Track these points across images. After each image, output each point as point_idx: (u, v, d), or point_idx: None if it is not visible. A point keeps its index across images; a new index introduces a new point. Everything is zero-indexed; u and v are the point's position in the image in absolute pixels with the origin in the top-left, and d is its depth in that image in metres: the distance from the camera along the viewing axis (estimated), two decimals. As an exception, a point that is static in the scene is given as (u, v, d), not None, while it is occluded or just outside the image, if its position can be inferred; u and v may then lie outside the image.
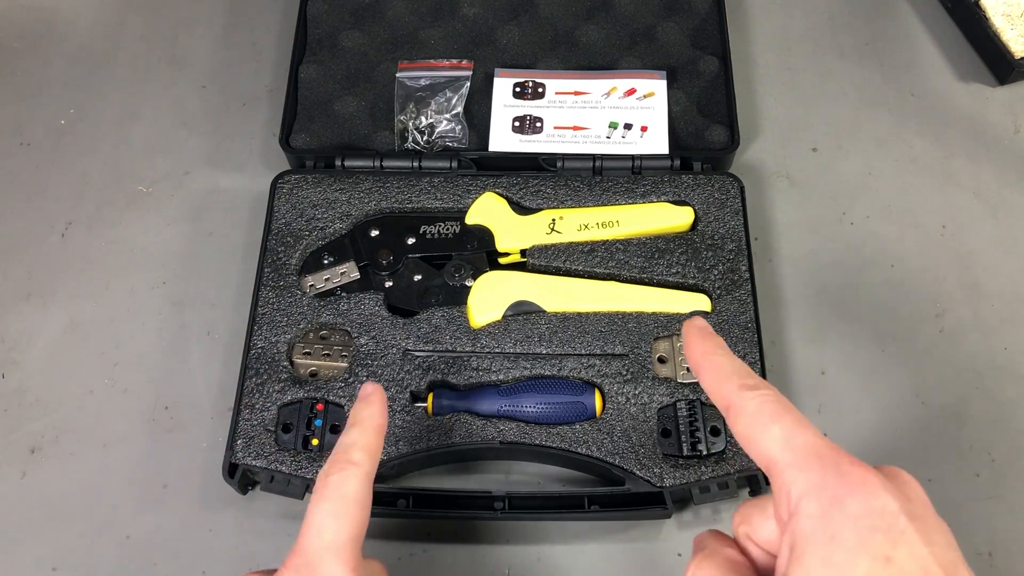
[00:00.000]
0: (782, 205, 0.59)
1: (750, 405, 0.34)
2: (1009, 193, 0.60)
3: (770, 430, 0.33)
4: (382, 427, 0.39)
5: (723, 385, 0.35)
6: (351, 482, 0.36)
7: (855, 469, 0.31)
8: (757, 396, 0.34)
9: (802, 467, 0.32)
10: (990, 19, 0.63)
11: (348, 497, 0.36)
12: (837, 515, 0.30)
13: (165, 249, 0.59)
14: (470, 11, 0.64)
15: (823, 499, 0.31)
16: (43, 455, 0.52)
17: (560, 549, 0.49)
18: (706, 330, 0.39)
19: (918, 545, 0.29)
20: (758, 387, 0.35)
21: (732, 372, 0.36)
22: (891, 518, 0.30)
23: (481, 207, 0.55)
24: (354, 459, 0.37)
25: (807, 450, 0.32)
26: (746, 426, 0.34)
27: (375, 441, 0.38)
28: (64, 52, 0.67)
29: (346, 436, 0.39)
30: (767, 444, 0.33)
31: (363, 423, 0.39)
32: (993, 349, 0.54)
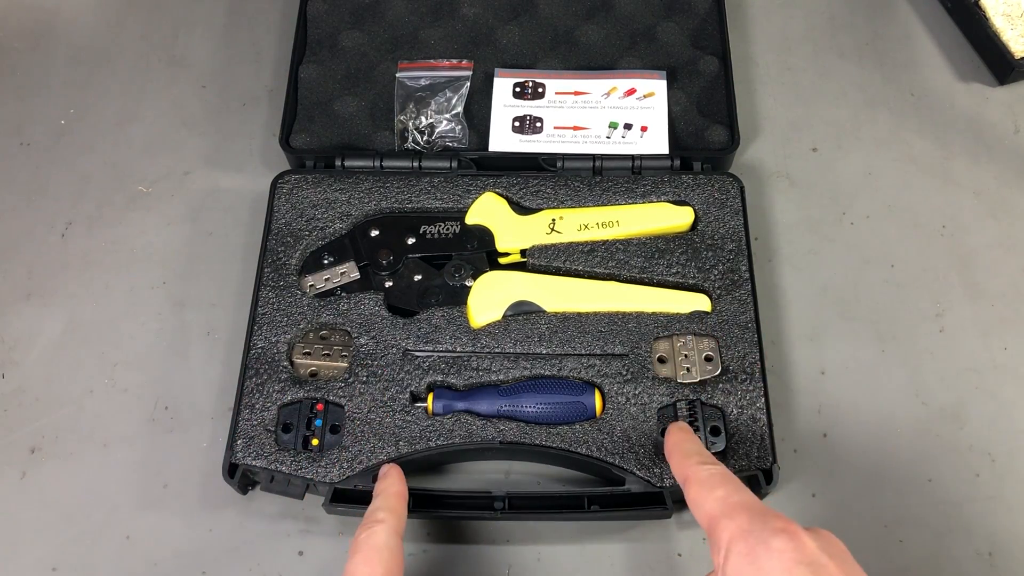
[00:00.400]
0: (782, 205, 0.60)
1: (702, 474, 0.41)
2: (1009, 193, 0.60)
3: (715, 492, 0.39)
4: (401, 493, 0.45)
5: (684, 462, 0.42)
6: (378, 535, 0.42)
7: (779, 519, 0.37)
8: (709, 468, 0.41)
9: (733, 517, 0.37)
10: (990, 19, 0.63)
11: (377, 546, 0.41)
12: (763, 552, 0.35)
13: (165, 249, 0.59)
14: (470, 11, 0.64)
15: (750, 540, 0.36)
16: (43, 455, 0.52)
17: (560, 549, 0.49)
18: (683, 427, 0.46)
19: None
20: (712, 463, 0.42)
21: (695, 453, 0.43)
22: (812, 554, 0.35)
23: (481, 207, 0.55)
24: (378, 518, 0.43)
25: (740, 505, 0.38)
26: (697, 491, 0.41)
27: (396, 504, 0.44)
28: (64, 52, 0.67)
29: (371, 506, 0.44)
30: (710, 503, 0.39)
31: (384, 492, 0.45)
32: (993, 349, 0.54)
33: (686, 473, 0.42)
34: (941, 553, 0.48)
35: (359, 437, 0.49)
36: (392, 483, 0.46)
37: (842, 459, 0.51)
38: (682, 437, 0.45)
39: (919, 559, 0.47)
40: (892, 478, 0.50)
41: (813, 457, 0.51)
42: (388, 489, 0.46)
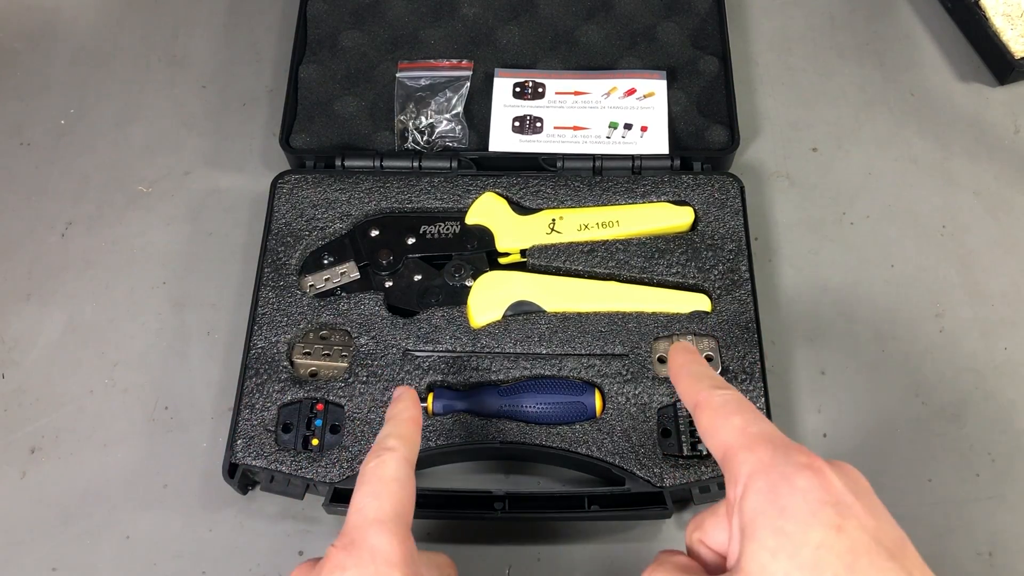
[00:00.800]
0: (782, 205, 0.60)
1: (716, 400, 0.37)
2: (1009, 193, 0.60)
3: (731, 420, 0.36)
4: (415, 419, 0.41)
5: (694, 386, 0.39)
6: (388, 465, 0.38)
7: (803, 454, 0.33)
8: (724, 394, 0.37)
9: (753, 449, 0.34)
10: (990, 19, 0.63)
11: (386, 478, 0.38)
12: (786, 489, 0.32)
13: (165, 249, 0.59)
14: (470, 11, 0.64)
15: (772, 476, 0.32)
16: (43, 455, 0.52)
17: (560, 549, 0.49)
18: (688, 348, 0.42)
19: (865, 518, 0.31)
20: (725, 387, 0.38)
21: (705, 376, 0.39)
22: (838, 494, 0.32)
23: (481, 207, 0.55)
24: (389, 445, 0.39)
25: (760, 436, 0.34)
26: (710, 418, 0.37)
27: (409, 430, 0.41)
28: (64, 52, 0.67)
29: (382, 432, 0.41)
30: (726, 432, 0.35)
31: (396, 417, 0.41)
32: (993, 349, 0.54)
33: (697, 398, 0.38)
34: (941, 553, 0.48)
35: (359, 437, 0.49)
36: (406, 407, 0.42)
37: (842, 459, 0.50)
38: (688, 358, 0.41)
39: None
40: (892, 478, 0.50)
41: (813, 457, 0.51)
42: (401, 414, 0.42)
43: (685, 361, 0.41)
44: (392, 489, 0.38)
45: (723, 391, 0.38)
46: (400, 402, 0.43)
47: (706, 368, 0.40)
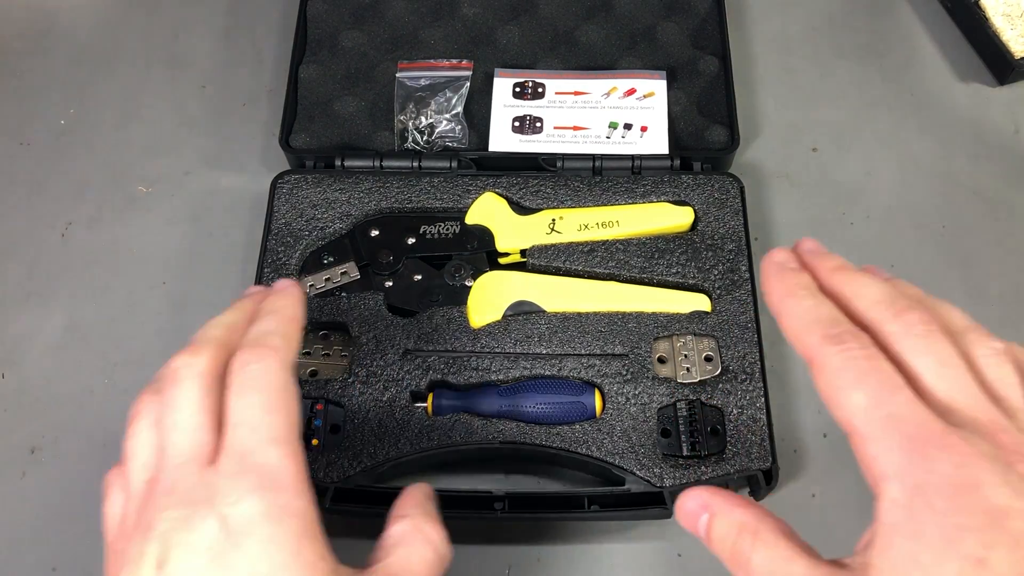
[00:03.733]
0: (782, 205, 0.60)
1: (833, 361, 0.30)
2: (1009, 193, 0.60)
3: (852, 395, 0.29)
4: (297, 318, 0.36)
5: (804, 336, 0.31)
6: (277, 372, 0.33)
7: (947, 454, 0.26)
8: (840, 353, 0.30)
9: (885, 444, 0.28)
10: (990, 19, 0.63)
11: (278, 388, 0.32)
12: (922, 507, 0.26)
13: (165, 249, 0.59)
14: (470, 11, 0.64)
15: (907, 485, 0.27)
16: (43, 455, 0.52)
17: (560, 549, 0.49)
18: (785, 266, 0.34)
19: (1020, 544, 0.25)
20: (844, 340, 0.30)
21: (814, 321, 0.31)
22: (992, 511, 0.25)
23: (481, 207, 0.55)
24: (273, 344, 0.33)
25: (892, 423, 0.28)
26: (827, 386, 0.30)
27: (293, 330, 0.35)
28: (64, 52, 0.67)
29: (259, 324, 0.35)
30: (848, 410, 0.29)
31: (278, 312, 0.35)
32: (993, 349, 0.54)
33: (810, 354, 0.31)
34: (941, 553, 0.48)
35: (359, 437, 0.48)
36: (290, 304, 0.36)
37: (842, 459, 0.51)
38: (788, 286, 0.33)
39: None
40: (892, 478, 0.50)
41: (813, 457, 0.51)
42: (284, 311, 0.35)
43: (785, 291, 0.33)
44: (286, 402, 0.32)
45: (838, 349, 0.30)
46: (283, 296, 0.36)
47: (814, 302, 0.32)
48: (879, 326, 0.31)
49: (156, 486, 0.32)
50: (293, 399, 0.33)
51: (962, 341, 0.30)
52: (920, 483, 0.26)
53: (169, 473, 0.31)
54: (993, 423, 0.28)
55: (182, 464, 0.31)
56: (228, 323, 0.36)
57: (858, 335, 0.30)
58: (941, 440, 0.27)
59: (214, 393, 0.33)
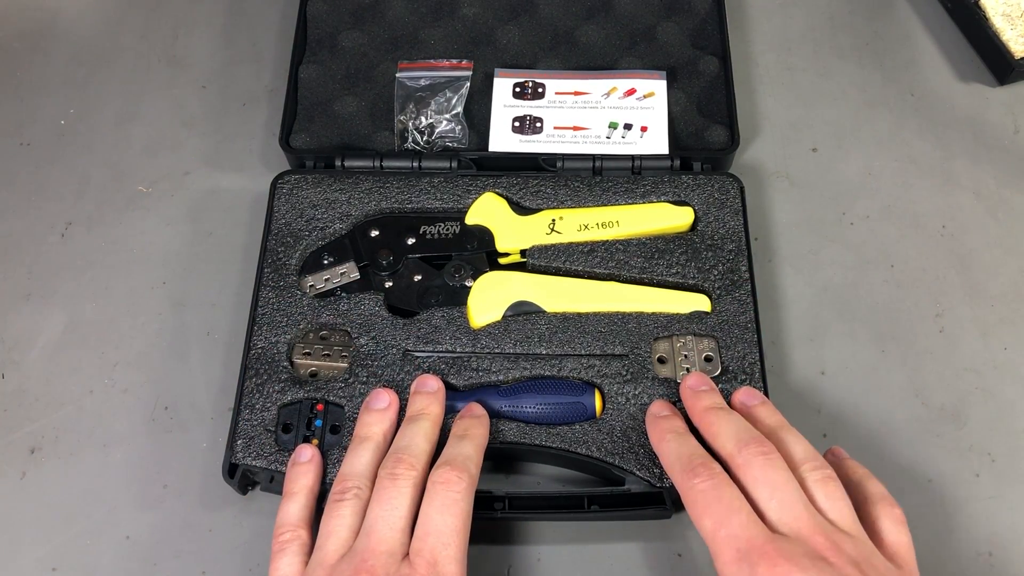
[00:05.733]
0: (782, 205, 0.60)
1: (690, 494, 0.38)
2: (1009, 193, 0.60)
3: (704, 521, 0.37)
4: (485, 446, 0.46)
5: (672, 472, 0.41)
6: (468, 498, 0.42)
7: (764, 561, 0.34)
8: (694, 487, 0.38)
9: (725, 561, 0.36)
10: (990, 19, 0.63)
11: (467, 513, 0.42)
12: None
13: (165, 249, 0.59)
14: (470, 11, 0.64)
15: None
16: (43, 455, 0.52)
17: (560, 549, 0.49)
18: (659, 415, 0.44)
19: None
20: (697, 472, 0.39)
21: (677, 459, 0.40)
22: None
23: (481, 207, 0.55)
24: (471, 471, 0.43)
25: (729, 541, 0.36)
26: (691, 512, 0.38)
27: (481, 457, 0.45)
28: (64, 52, 0.67)
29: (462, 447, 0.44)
30: (704, 533, 0.37)
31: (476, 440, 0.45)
32: (993, 349, 0.54)
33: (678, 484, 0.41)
34: (941, 553, 0.48)
35: (359, 437, 0.48)
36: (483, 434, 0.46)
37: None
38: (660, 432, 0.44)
39: (919, 559, 0.47)
40: (892, 478, 0.50)
41: (813, 457, 0.51)
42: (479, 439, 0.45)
43: (658, 436, 0.43)
44: (467, 524, 0.41)
45: (695, 482, 0.38)
46: (481, 426, 0.46)
47: (677, 443, 0.41)
48: (731, 459, 0.40)
49: (351, 562, 0.39)
50: (470, 522, 0.42)
51: (799, 470, 0.39)
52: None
53: (371, 558, 0.39)
54: (813, 529, 0.36)
55: (384, 553, 0.39)
56: (432, 438, 0.45)
57: (708, 465, 0.39)
58: (762, 549, 0.34)
59: (418, 502, 0.42)
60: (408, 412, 0.47)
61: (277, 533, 0.43)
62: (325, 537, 0.42)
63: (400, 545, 0.40)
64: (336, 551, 0.41)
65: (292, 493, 0.45)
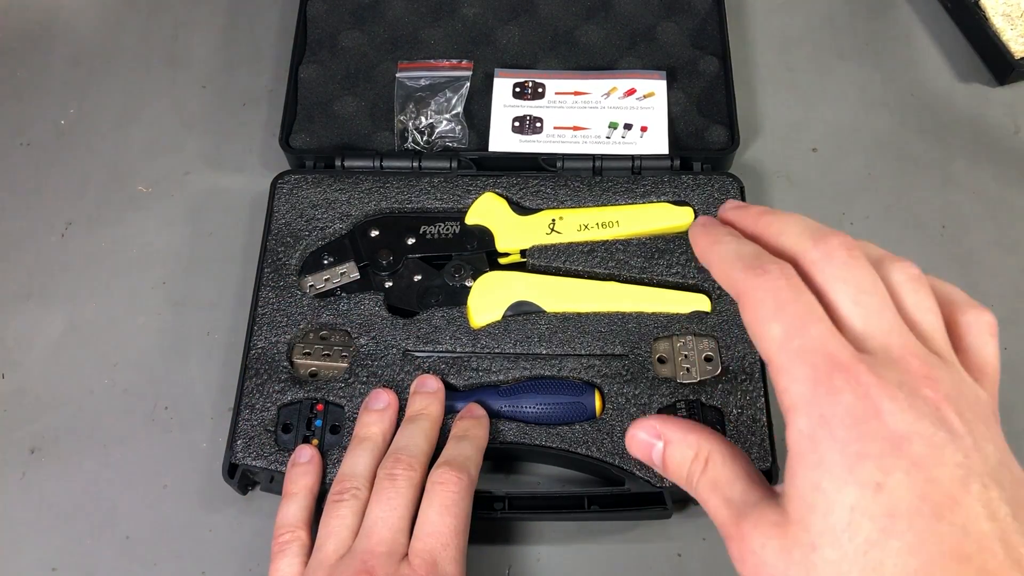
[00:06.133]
0: (782, 205, 0.59)
1: (755, 293, 0.30)
2: (1009, 193, 0.60)
3: (770, 327, 0.29)
4: (484, 448, 0.47)
5: (729, 273, 0.31)
6: (467, 497, 0.43)
7: (851, 386, 0.27)
8: (761, 284, 0.30)
9: (795, 377, 0.28)
10: (990, 19, 0.63)
11: (466, 513, 0.43)
12: (825, 437, 0.27)
13: (165, 249, 0.59)
14: (470, 11, 0.64)
15: (812, 416, 0.27)
16: (43, 455, 0.52)
17: (560, 549, 0.49)
18: (709, 223, 0.34)
19: (925, 460, 0.26)
20: (766, 270, 0.30)
21: (737, 258, 0.31)
22: (885, 440, 0.26)
23: (481, 207, 0.55)
24: (470, 472, 0.44)
25: (803, 355, 0.28)
26: (751, 319, 0.30)
27: (481, 459, 0.46)
28: (64, 52, 0.67)
29: (461, 447, 0.45)
30: (766, 342, 0.29)
31: (476, 441, 0.46)
32: (993, 349, 0.54)
33: (736, 290, 0.31)
34: (941, 553, 0.48)
35: (359, 437, 0.48)
36: (484, 436, 0.47)
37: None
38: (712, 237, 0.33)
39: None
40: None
41: (813, 457, 0.51)
42: (479, 441, 0.46)
43: (710, 241, 0.33)
44: (466, 524, 0.41)
45: (760, 281, 0.30)
46: (481, 427, 0.46)
47: (736, 243, 0.32)
48: (802, 256, 0.31)
49: (350, 563, 0.40)
50: (469, 522, 0.42)
51: (882, 268, 0.31)
52: (824, 413, 0.27)
53: (370, 558, 0.39)
54: (905, 349, 0.28)
55: (384, 553, 0.40)
56: (431, 438, 0.46)
57: (781, 264, 0.30)
58: (847, 370, 0.27)
59: (417, 502, 0.42)
60: (407, 412, 0.47)
61: (277, 534, 0.43)
62: (324, 538, 0.42)
63: (399, 545, 0.40)
64: (336, 551, 0.41)
65: (292, 494, 0.45)
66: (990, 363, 0.32)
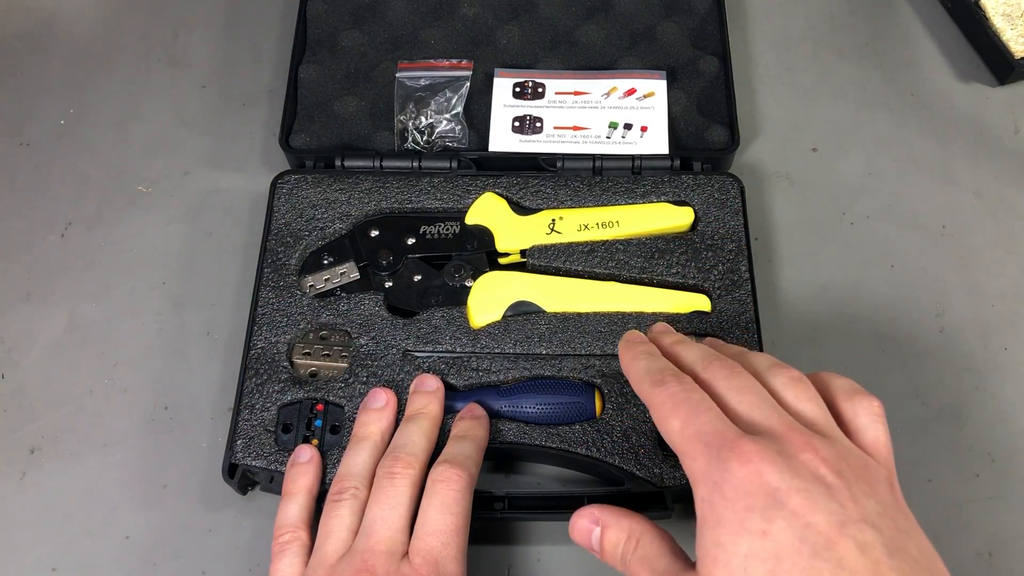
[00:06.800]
0: (782, 205, 0.60)
1: (658, 399, 0.37)
2: (1009, 193, 0.60)
3: (671, 422, 0.35)
4: (485, 447, 0.47)
5: (641, 385, 0.39)
6: (467, 496, 0.42)
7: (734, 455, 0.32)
8: (661, 393, 0.37)
9: (692, 455, 0.34)
10: (990, 19, 0.63)
11: (466, 511, 0.42)
12: (719, 500, 0.32)
13: (165, 249, 0.59)
14: (470, 11, 0.64)
15: (708, 484, 0.33)
16: (43, 455, 0.52)
17: (560, 549, 0.49)
18: (631, 341, 0.42)
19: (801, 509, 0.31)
20: (664, 383, 0.37)
21: (647, 372, 0.39)
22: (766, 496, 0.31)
23: (481, 207, 0.55)
24: (470, 470, 0.43)
25: (698, 437, 0.34)
26: (657, 419, 0.37)
27: (481, 457, 0.46)
28: (64, 52, 0.67)
29: (461, 446, 0.44)
30: (670, 435, 0.35)
31: (476, 440, 0.46)
32: (993, 349, 0.54)
33: (645, 400, 0.38)
34: (941, 553, 0.48)
35: (359, 437, 0.48)
36: (484, 436, 0.46)
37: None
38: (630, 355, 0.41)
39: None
40: (892, 478, 0.50)
41: (813, 457, 0.51)
42: (479, 440, 0.46)
43: (627, 359, 0.41)
44: (467, 522, 0.41)
45: (660, 389, 0.37)
46: (481, 427, 0.46)
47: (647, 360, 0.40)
48: (698, 375, 0.38)
49: (351, 562, 0.40)
50: (469, 521, 0.42)
51: (764, 376, 0.38)
52: (717, 480, 0.32)
53: (371, 557, 0.39)
54: (786, 427, 0.34)
55: (384, 552, 0.40)
56: (430, 437, 0.46)
57: (679, 375, 0.37)
58: (733, 445, 0.32)
59: (417, 500, 0.42)
60: (407, 411, 0.47)
61: (277, 534, 0.43)
62: (324, 537, 0.42)
63: (400, 544, 0.40)
64: (336, 551, 0.41)
65: (291, 494, 0.45)
66: (880, 441, 0.37)
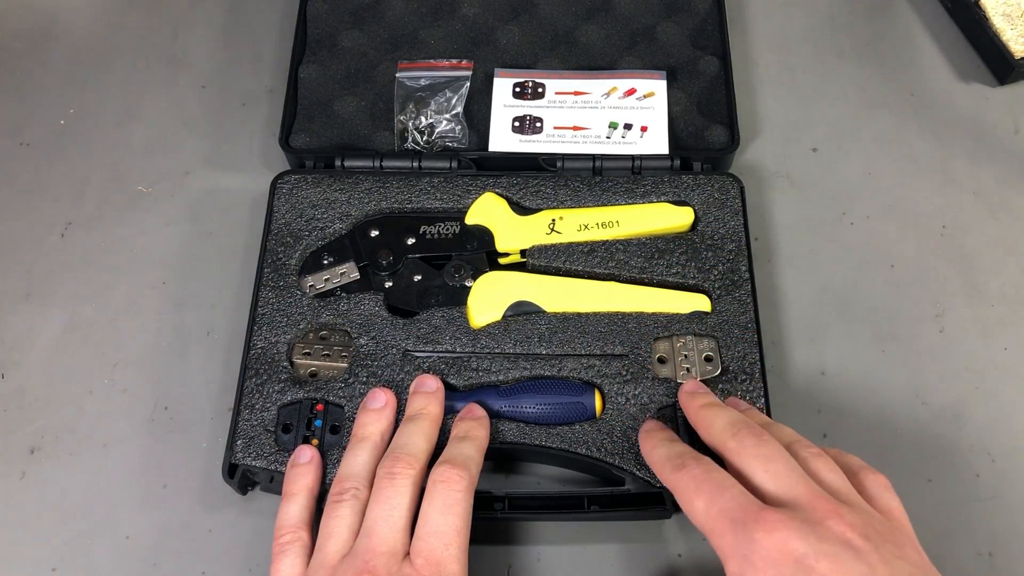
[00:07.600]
0: (782, 205, 0.60)
1: (680, 483, 0.39)
2: (1009, 193, 0.60)
3: (695, 503, 0.37)
4: (485, 448, 0.46)
5: (663, 473, 0.41)
6: (468, 497, 0.42)
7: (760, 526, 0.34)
8: (683, 476, 0.39)
9: (720, 532, 0.35)
10: (990, 19, 0.63)
11: (467, 512, 0.42)
12: (749, 571, 0.34)
13: (165, 249, 0.59)
14: (470, 11, 0.64)
15: (738, 558, 0.34)
16: (43, 455, 0.52)
17: (560, 549, 0.49)
18: (651, 430, 0.45)
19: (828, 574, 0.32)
20: (684, 466, 0.39)
21: (667, 459, 0.41)
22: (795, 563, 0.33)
23: (481, 207, 0.55)
24: (471, 470, 0.43)
25: (723, 515, 0.36)
26: (682, 503, 0.39)
27: (481, 459, 0.45)
28: (64, 52, 0.67)
29: (463, 447, 0.44)
30: (696, 517, 0.37)
31: (477, 441, 0.46)
32: (993, 349, 0.54)
33: (668, 486, 0.41)
34: (941, 553, 0.48)
35: (359, 437, 0.48)
36: (485, 436, 0.46)
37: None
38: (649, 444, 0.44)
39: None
40: (892, 479, 0.50)
41: (813, 457, 0.51)
42: (480, 441, 0.45)
43: (648, 447, 0.44)
44: (468, 523, 0.41)
45: (681, 474, 0.39)
46: (483, 428, 0.46)
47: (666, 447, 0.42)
48: (724, 446, 0.40)
49: (352, 563, 0.39)
50: (470, 521, 0.42)
51: (790, 448, 0.40)
52: (746, 554, 0.34)
53: (372, 558, 0.39)
54: (812, 495, 0.36)
55: (385, 553, 0.39)
56: (431, 437, 0.46)
57: (698, 458, 0.40)
58: (758, 518, 0.34)
59: (417, 500, 0.42)
60: (407, 412, 0.47)
61: (277, 535, 0.43)
62: (325, 538, 0.42)
63: (401, 545, 0.40)
64: (337, 552, 0.41)
65: (292, 494, 0.45)
66: (895, 508, 0.39)
